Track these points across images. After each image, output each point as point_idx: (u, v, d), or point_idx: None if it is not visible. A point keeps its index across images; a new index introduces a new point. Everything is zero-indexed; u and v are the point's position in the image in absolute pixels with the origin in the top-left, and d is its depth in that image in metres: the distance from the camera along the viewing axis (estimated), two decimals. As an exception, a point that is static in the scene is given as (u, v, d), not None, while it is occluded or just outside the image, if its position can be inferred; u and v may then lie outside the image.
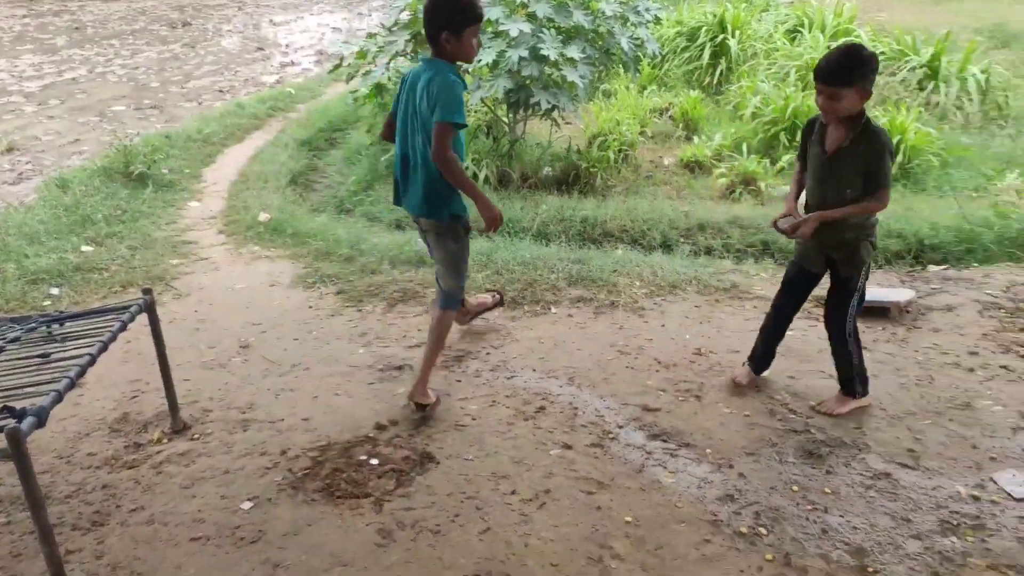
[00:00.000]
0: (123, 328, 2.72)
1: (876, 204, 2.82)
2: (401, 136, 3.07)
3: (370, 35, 6.87)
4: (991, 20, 13.14)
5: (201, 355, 3.75)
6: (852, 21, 10.24)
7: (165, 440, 3.07)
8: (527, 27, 5.79)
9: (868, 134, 2.75)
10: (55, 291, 4.35)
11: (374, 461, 2.90)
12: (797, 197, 3.08)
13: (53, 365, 2.52)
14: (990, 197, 5.82)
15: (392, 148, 3.57)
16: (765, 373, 3.38)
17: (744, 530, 2.52)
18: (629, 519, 2.58)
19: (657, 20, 6.98)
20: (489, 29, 6.01)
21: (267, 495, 2.72)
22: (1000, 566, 2.32)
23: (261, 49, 14.85)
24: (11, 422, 2.05)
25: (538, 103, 5.96)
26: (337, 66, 7.16)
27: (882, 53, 9.19)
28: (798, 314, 3.80)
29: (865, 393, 3.14)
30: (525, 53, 5.78)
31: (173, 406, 3.12)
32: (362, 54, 6.70)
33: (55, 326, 2.87)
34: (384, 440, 3.04)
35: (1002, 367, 3.39)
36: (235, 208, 5.82)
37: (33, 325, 2.83)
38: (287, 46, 15.23)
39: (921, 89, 8.38)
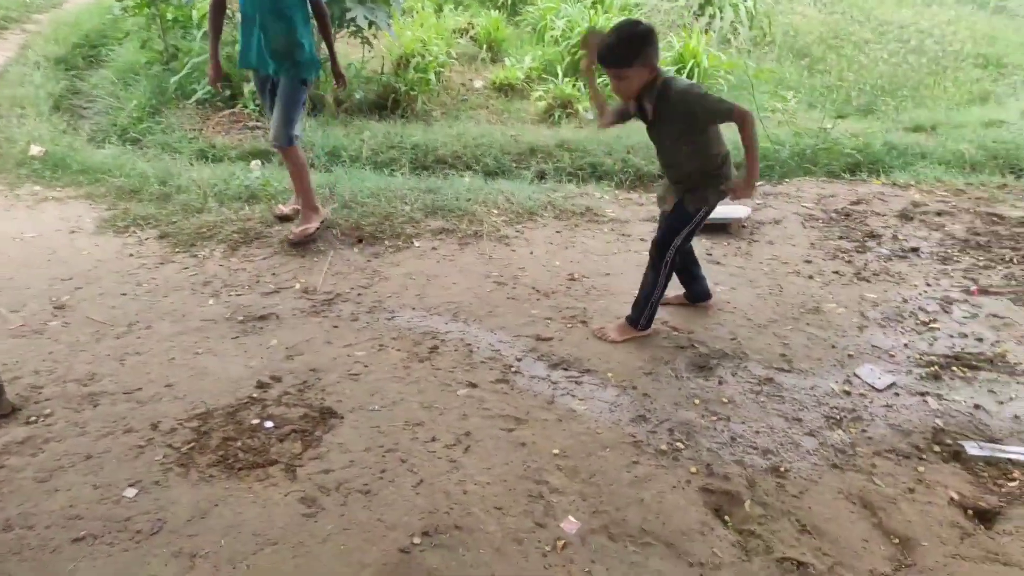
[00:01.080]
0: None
1: (747, 125, 2.76)
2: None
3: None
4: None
5: (6, 322, 3.09)
6: (631, -54, 10.59)
7: (-5, 429, 2.51)
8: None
9: (668, 99, 2.76)
10: None
11: (269, 424, 2.60)
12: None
13: None
14: (777, 116, 6.42)
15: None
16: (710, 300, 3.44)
17: (664, 447, 2.61)
18: (556, 451, 2.56)
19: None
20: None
21: (152, 478, 2.33)
22: (883, 452, 2.62)
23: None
24: None
25: (354, 19, 5.51)
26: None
27: (662, -21, 9.66)
28: (650, 232, 3.97)
29: (646, 327, 3.20)
30: (335, -39, 5.29)
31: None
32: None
33: None
34: (272, 399, 2.73)
35: (834, 272, 3.80)
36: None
37: None
38: (-1, -58, 12.67)
39: (700, 15, 8.95)
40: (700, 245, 4.05)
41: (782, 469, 2.53)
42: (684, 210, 3.01)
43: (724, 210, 4.32)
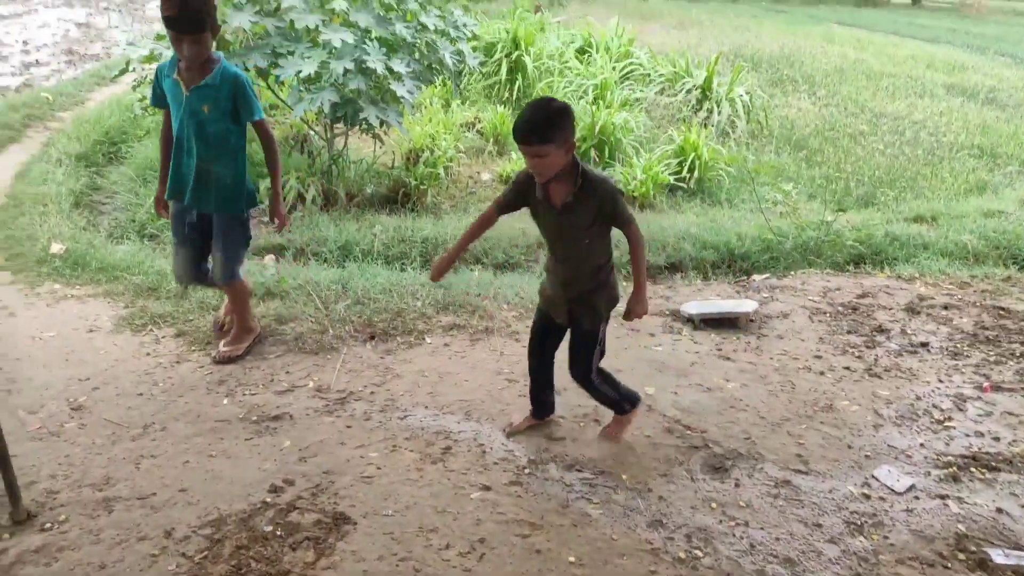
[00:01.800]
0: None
1: (639, 241, 2.79)
2: None
3: (159, 36, 6.18)
4: (730, 46, 14.87)
5: (23, 423, 3.10)
6: (632, 43, 11.06)
7: (8, 536, 2.49)
8: (350, 37, 5.53)
9: (590, 183, 2.66)
10: None
11: (281, 532, 2.57)
12: (465, 246, 3.10)
13: None
14: (778, 208, 6.55)
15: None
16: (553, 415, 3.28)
17: (682, 555, 2.57)
18: (572, 559, 2.53)
19: (474, 36, 7.02)
20: (307, 38, 5.67)
21: (166, 591, 2.30)
22: (906, 560, 2.59)
23: (-8, 46, 12.80)
24: None
25: (366, 119, 5.71)
26: (123, 70, 6.35)
27: (661, 75, 10.05)
28: (662, 329, 4.01)
29: (636, 404, 3.15)
30: (350, 65, 5.51)
31: (13, 491, 2.54)
32: (152, 57, 6.01)
33: None
34: (285, 504, 2.71)
35: (845, 368, 3.81)
36: (15, 239, 4.91)
37: None
38: (25, 43, 13.27)
39: (699, 109, 9.26)
40: (710, 340, 4.09)
41: (804, 579, 2.49)
42: (586, 331, 2.93)
43: (732, 304, 4.38)
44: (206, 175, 3.33)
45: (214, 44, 3.29)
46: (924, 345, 4.06)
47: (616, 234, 2.84)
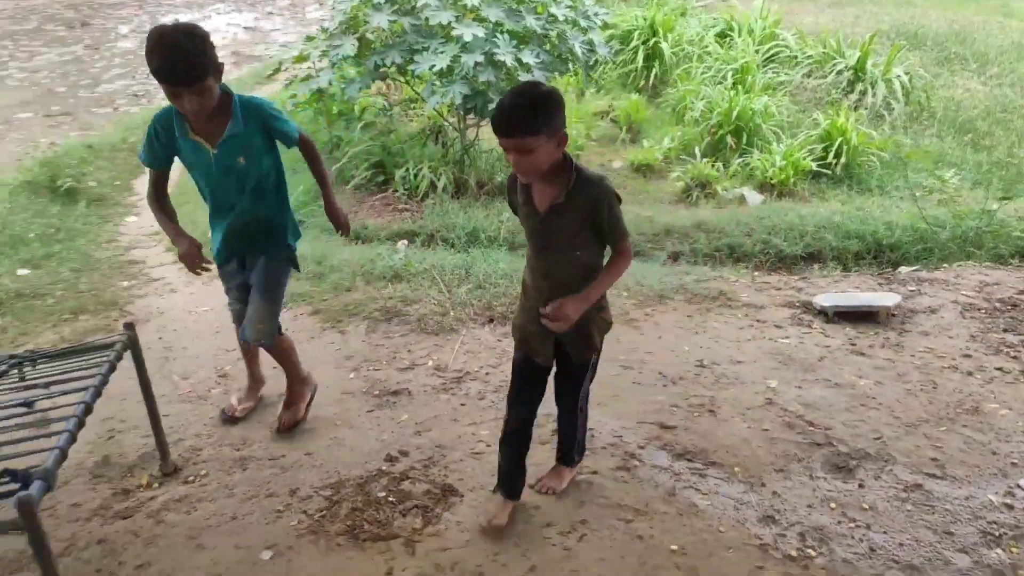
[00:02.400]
0: (112, 369, 2.44)
1: (624, 262, 2.33)
2: None
3: (309, 38, 6.57)
4: (890, 23, 13.82)
5: (176, 387, 3.44)
6: (777, 25, 10.55)
7: (156, 485, 2.78)
8: (480, 31, 5.64)
9: (583, 183, 2.22)
10: (-4, 321, 3.92)
11: (393, 498, 2.70)
12: None
13: (41, 416, 2.23)
14: (935, 196, 6.06)
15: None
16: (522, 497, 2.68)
17: (794, 553, 2.46)
18: (674, 548, 2.48)
19: (605, 25, 6.97)
20: (440, 34, 5.85)
21: (286, 542, 2.49)
22: (1049, 574, 2.35)
23: (173, 50, 14.09)
24: (15, 487, 1.78)
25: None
26: (276, 70, 6.82)
27: (809, 57, 9.53)
28: (790, 321, 3.83)
29: (580, 459, 2.80)
30: (480, 58, 5.63)
31: (163, 448, 2.83)
32: (302, 57, 6.41)
33: (27, 368, 2.55)
34: (398, 473, 2.84)
35: (997, 369, 3.49)
36: (181, 223, 5.40)
37: (2, 366, 2.50)
38: (201, 47, 14.50)
39: (850, 92, 8.70)
40: (843, 334, 3.87)
41: (928, 587, 2.32)
42: (581, 364, 2.50)
43: (870, 296, 4.11)
44: (254, 224, 2.82)
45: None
46: (1094, 347, 3.64)
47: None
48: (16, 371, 2.51)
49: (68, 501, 2.71)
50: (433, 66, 5.58)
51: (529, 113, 2.08)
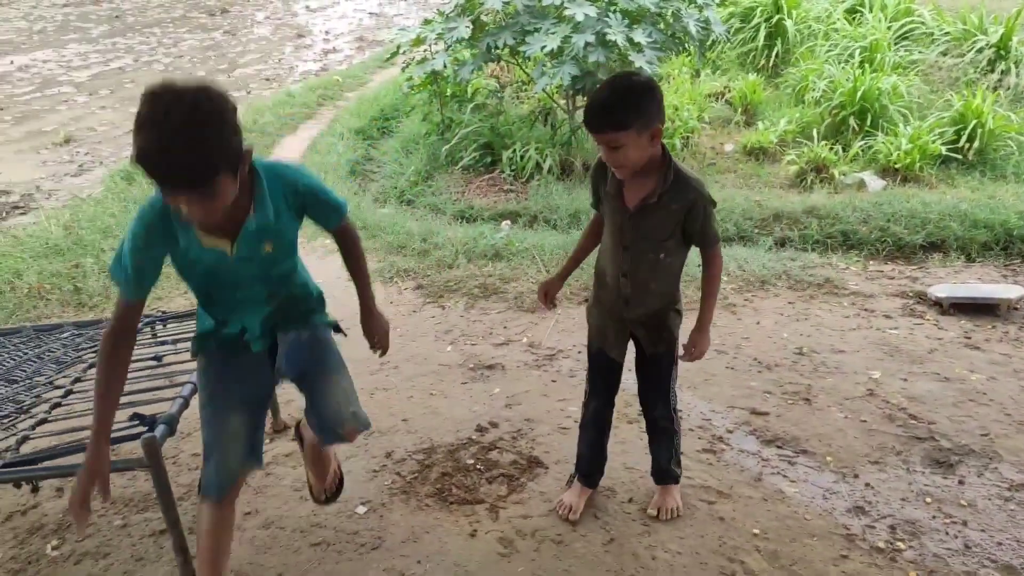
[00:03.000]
0: (231, 330, 2.66)
1: (717, 269, 2.30)
2: None
3: (426, 21, 6.76)
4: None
5: (289, 353, 3.69)
6: (913, 0, 9.92)
7: (268, 441, 3.02)
8: (592, 10, 5.64)
9: (682, 183, 2.13)
10: (135, 286, 4.32)
11: (481, 466, 2.83)
12: (581, 260, 2.59)
13: (168, 368, 2.48)
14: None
15: None
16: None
17: (882, 545, 2.41)
18: (756, 531, 2.48)
19: (722, 2, 6.80)
20: (552, 14, 5.88)
21: (380, 500, 2.66)
22: None
23: (301, 36, 14.82)
24: (142, 430, 2.01)
25: (606, 90, 5.81)
26: (394, 53, 7.06)
27: (947, 33, 8.91)
28: (901, 311, 3.68)
29: (680, 471, 2.61)
30: (591, 38, 5.63)
31: (274, 407, 3.07)
32: (419, 40, 6.60)
33: (159, 326, 2.83)
34: (487, 443, 2.96)
35: None
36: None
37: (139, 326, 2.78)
38: (327, 32, 15.18)
39: (991, 71, 8.09)
40: (958, 326, 3.67)
41: (1026, 591, 2.21)
42: (660, 354, 2.45)
43: (991, 288, 3.88)
44: (285, 307, 2.06)
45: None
46: None
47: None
48: (149, 329, 2.80)
49: (190, 451, 3.00)
50: (544, 47, 5.64)
51: (618, 106, 1.99)
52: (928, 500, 2.59)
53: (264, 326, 2.02)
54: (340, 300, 4.22)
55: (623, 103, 2.00)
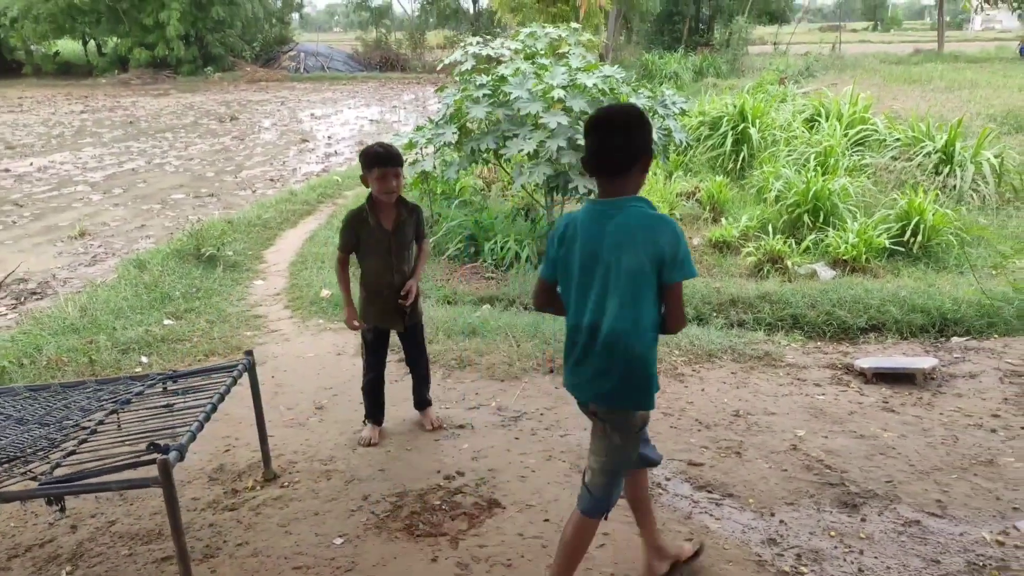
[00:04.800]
0: (234, 382, 3.12)
1: (427, 252, 3.92)
2: (581, 302, 2.34)
3: (418, 128, 7.47)
4: (1001, 107, 13.71)
5: (282, 416, 4.12)
6: (867, 110, 10.82)
7: (259, 487, 3.41)
8: (565, 119, 6.34)
9: (410, 207, 3.71)
10: (144, 359, 4.78)
11: (446, 507, 3.21)
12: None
13: (179, 413, 2.91)
14: (1008, 274, 6.13)
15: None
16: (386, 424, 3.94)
17: (787, 569, 2.78)
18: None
19: (683, 112, 7.54)
20: (529, 122, 6.58)
21: (355, 533, 3.04)
22: (1024, 600, 2.56)
23: (305, 141, 15.77)
24: (157, 456, 2.43)
25: (575, 188, 6.45)
26: (388, 156, 7.74)
27: (897, 140, 9.73)
28: (829, 380, 4.13)
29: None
30: (563, 143, 6.31)
31: (266, 457, 3.47)
32: (411, 144, 7.29)
33: (170, 383, 3.28)
34: (453, 488, 3.36)
35: (1023, 428, 3.66)
36: (297, 286, 6.29)
37: (152, 382, 3.23)
38: (330, 138, 16.17)
39: (937, 173, 8.82)
40: (878, 393, 4.12)
41: (905, 604, 2.58)
42: (420, 326, 3.99)
43: (910, 360, 4.34)
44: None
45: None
46: None
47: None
48: (161, 385, 3.24)
49: (190, 496, 3.38)
50: (521, 150, 6.31)
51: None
52: (832, 534, 2.97)
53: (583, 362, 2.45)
54: (329, 372, 4.69)
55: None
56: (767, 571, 2.77)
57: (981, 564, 2.75)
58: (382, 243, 3.60)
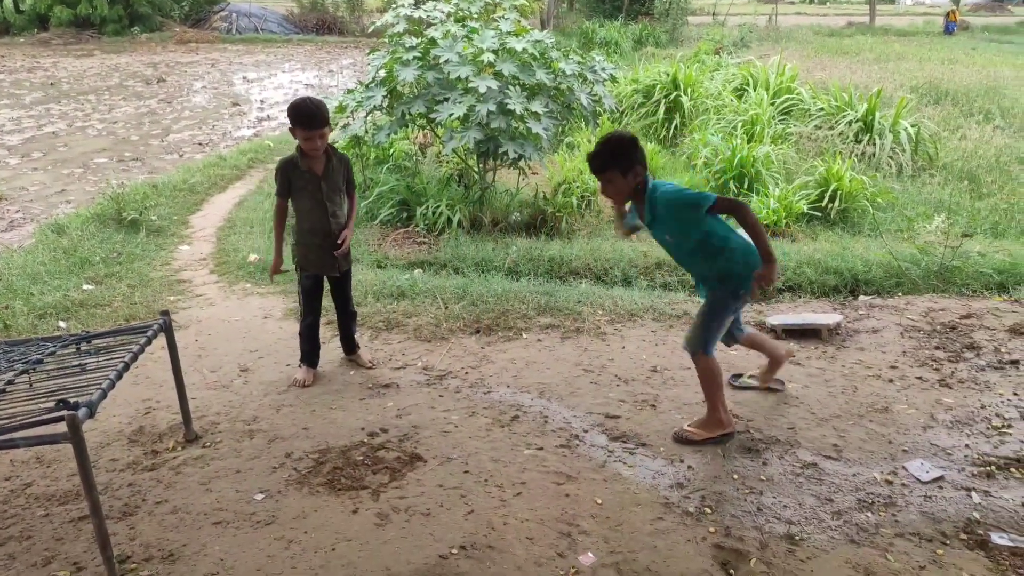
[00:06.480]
0: (149, 342, 3.09)
1: (356, 204, 4.12)
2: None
3: (348, 91, 7.37)
4: (923, 79, 14.22)
5: (205, 378, 4.10)
6: (793, 80, 11.09)
7: (179, 448, 3.41)
8: (495, 84, 6.34)
9: (340, 156, 3.87)
10: (63, 324, 4.67)
11: (369, 461, 3.28)
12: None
13: (91, 373, 2.89)
14: (917, 238, 6.45)
15: None
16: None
17: (692, 510, 2.94)
18: (598, 501, 2.99)
19: (612, 79, 7.62)
20: (459, 86, 6.57)
21: (276, 488, 3.08)
22: (906, 534, 2.77)
23: (237, 104, 15.34)
24: (66, 412, 2.42)
25: (506, 153, 6.47)
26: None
27: (821, 109, 10.02)
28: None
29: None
30: (493, 107, 6.32)
31: (187, 417, 3.47)
32: (341, 108, 7.19)
33: (83, 344, 3.23)
34: (376, 444, 3.42)
35: (917, 378, 3.91)
36: (224, 251, 6.20)
37: (65, 342, 3.18)
38: (262, 102, 15.76)
39: (858, 142, 9.15)
40: (787, 347, 4.32)
41: (797, 538, 2.77)
42: (344, 274, 4.11)
43: (816, 316, 4.56)
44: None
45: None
46: (1015, 363, 4.01)
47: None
48: (74, 345, 3.20)
49: (108, 457, 3.36)
50: (451, 114, 6.30)
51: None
52: (735, 477, 3.15)
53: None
54: (255, 335, 4.67)
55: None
56: (673, 511, 2.93)
57: (870, 502, 2.95)
58: (313, 185, 3.78)
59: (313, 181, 3.78)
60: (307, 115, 3.60)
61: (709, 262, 3.31)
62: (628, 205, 3.42)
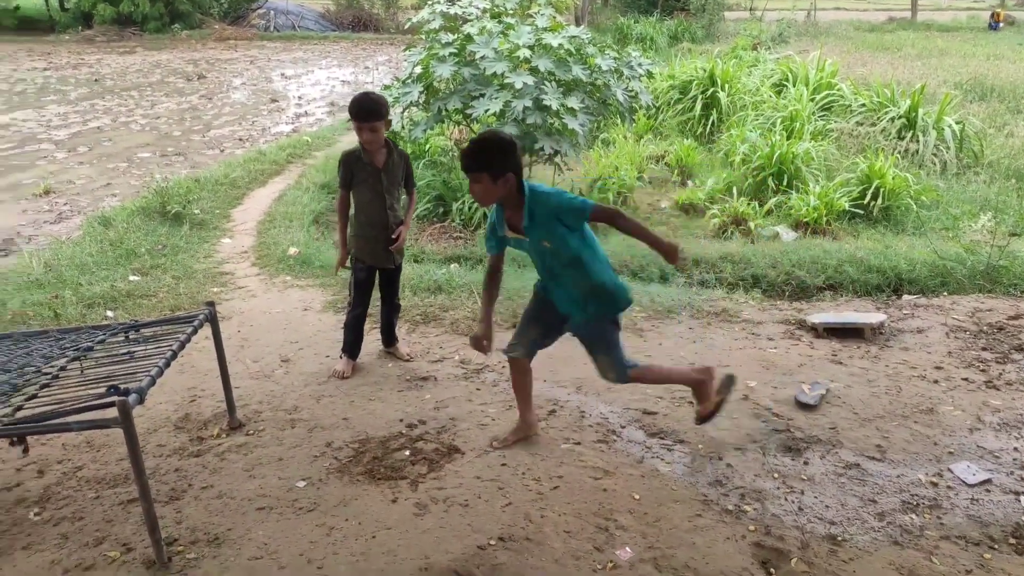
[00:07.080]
0: (195, 331, 3.16)
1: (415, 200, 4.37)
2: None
3: (385, 87, 7.44)
4: (968, 75, 13.91)
5: (247, 368, 4.17)
6: (834, 75, 10.93)
7: (224, 435, 3.48)
8: (530, 80, 6.35)
9: (399, 152, 3.94)
10: (110, 313, 4.78)
11: (408, 452, 3.31)
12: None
13: (140, 360, 2.96)
14: (962, 236, 6.32)
15: None
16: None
17: (731, 507, 2.92)
18: (635, 496, 2.98)
19: (649, 74, 7.58)
20: (495, 82, 6.58)
21: (318, 476, 3.12)
22: (952, 537, 2.73)
23: (275, 101, 15.54)
24: (117, 398, 2.49)
25: (542, 148, 6.49)
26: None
27: (862, 105, 9.85)
28: (782, 335, 4.26)
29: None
30: (529, 103, 6.33)
31: (231, 406, 3.53)
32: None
33: (132, 332, 3.31)
34: (415, 436, 3.45)
35: (963, 379, 3.83)
36: (265, 244, 6.29)
37: (114, 331, 3.27)
38: (300, 98, 15.94)
39: (900, 138, 8.97)
40: (828, 347, 4.27)
41: (840, 538, 2.74)
42: (397, 268, 4.17)
43: (857, 315, 4.49)
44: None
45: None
46: (1066, 364, 3.92)
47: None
48: (123, 334, 3.28)
49: (155, 443, 3.44)
50: (487, 110, 6.32)
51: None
52: (776, 476, 3.12)
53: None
54: (295, 327, 4.74)
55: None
56: (712, 508, 2.91)
57: (915, 503, 2.91)
58: (373, 178, 3.86)
59: (374, 174, 3.85)
60: (356, 107, 3.72)
61: (583, 274, 3.01)
62: (494, 209, 3.11)
